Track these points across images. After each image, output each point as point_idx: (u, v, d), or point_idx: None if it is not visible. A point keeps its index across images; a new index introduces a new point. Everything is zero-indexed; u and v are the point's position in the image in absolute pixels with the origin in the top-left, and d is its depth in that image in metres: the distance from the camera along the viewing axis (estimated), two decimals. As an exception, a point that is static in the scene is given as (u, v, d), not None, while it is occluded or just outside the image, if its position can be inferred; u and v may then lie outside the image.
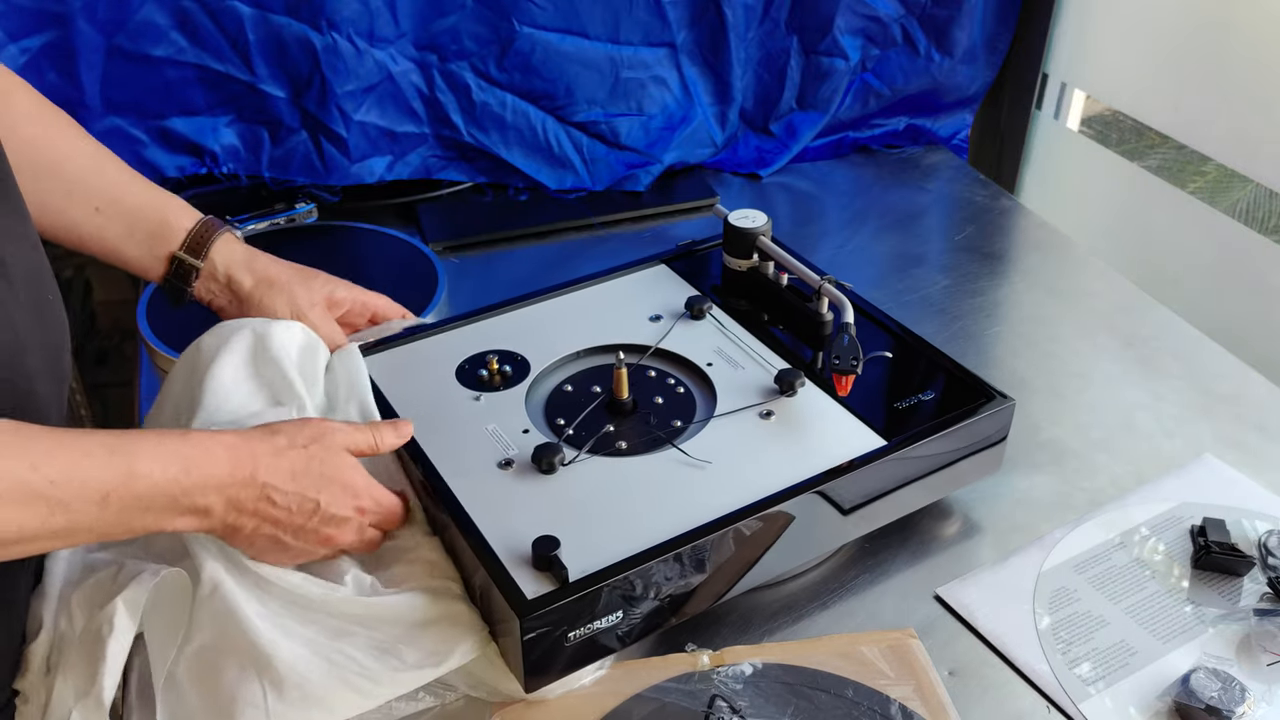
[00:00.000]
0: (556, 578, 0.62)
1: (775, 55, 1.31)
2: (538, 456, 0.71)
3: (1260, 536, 0.76)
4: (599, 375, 0.82)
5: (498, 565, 0.64)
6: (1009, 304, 1.09)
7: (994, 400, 0.78)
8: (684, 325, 0.87)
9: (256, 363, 0.75)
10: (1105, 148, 1.33)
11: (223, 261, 0.80)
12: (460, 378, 0.81)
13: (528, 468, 0.72)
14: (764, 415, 0.77)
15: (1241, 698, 0.65)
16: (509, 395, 0.79)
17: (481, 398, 0.79)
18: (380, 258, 1.12)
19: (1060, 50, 1.34)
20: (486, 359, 0.82)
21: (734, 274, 0.92)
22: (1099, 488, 0.84)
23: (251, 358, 0.75)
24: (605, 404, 0.78)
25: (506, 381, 0.80)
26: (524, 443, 0.74)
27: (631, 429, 0.76)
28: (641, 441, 0.75)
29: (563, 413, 0.78)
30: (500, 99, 1.21)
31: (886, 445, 0.74)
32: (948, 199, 1.30)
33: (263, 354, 0.75)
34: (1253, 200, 1.63)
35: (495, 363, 0.81)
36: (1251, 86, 1.08)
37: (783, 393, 0.78)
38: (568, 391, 0.81)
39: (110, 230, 0.77)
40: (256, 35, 1.10)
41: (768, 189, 1.32)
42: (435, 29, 1.16)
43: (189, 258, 0.79)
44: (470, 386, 0.80)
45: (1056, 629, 0.71)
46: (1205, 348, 1.01)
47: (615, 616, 0.64)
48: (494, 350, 0.83)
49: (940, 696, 0.66)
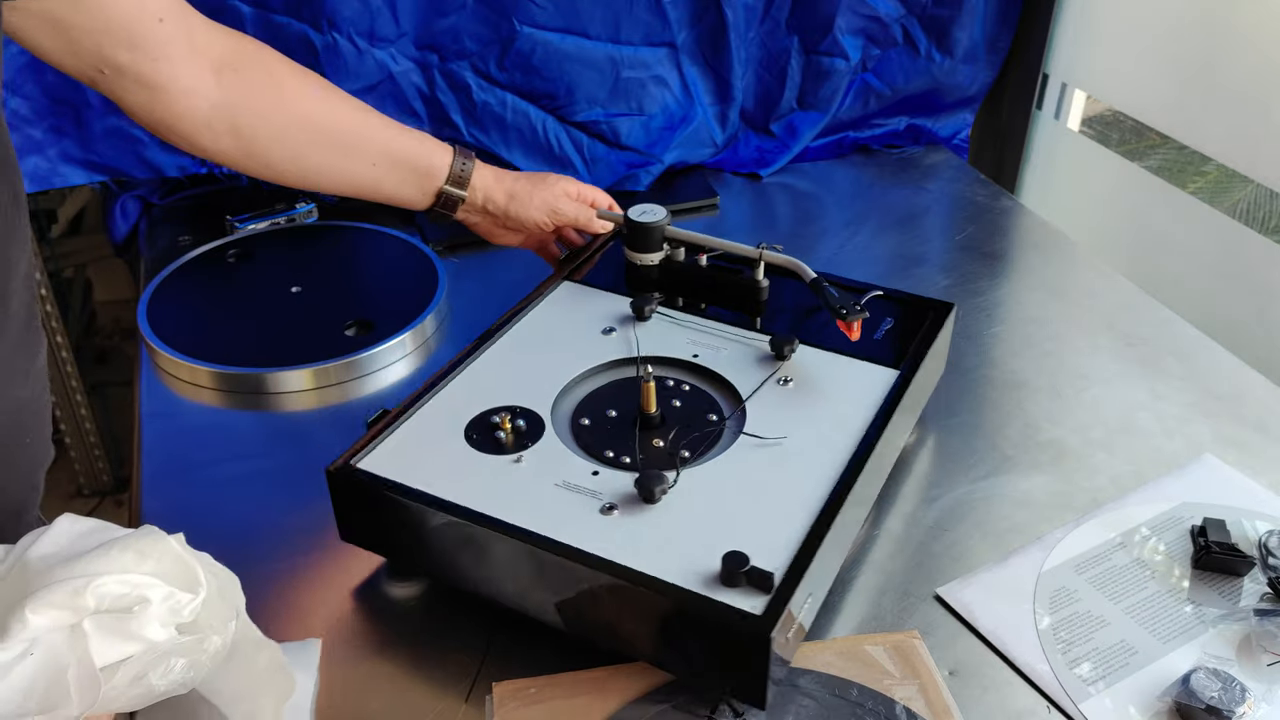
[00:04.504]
0: (762, 586, 0.60)
1: (776, 55, 1.31)
2: (644, 488, 0.67)
3: (1260, 536, 0.76)
4: (607, 400, 0.78)
5: (700, 599, 0.60)
6: (1009, 304, 1.09)
7: (941, 308, 0.86)
8: (639, 329, 0.85)
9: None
10: (1105, 148, 1.33)
11: (481, 189, 0.93)
12: (479, 447, 0.72)
13: (632, 502, 0.67)
14: (783, 383, 0.79)
15: (1242, 698, 0.65)
16: (547, 446, 0.72)
17: (522, 458, 0.71)
18: (380, 258, 1.12)
19: (1061, 50, 1.34)
20: (492, 420, 0.74)
21: (642, 270, 0.91)
22: (1099, 488, 0.84)
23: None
24: (635, 421, 0.75)
25: (530, 433, 0.73)
26: (607, 484, 0.69)
27: (684, 435, 0.74)
28: (707, 443, 0.74)
29: (603, 445, 0.73)
30: (501, 99, 1.21)
31: (901, 374, 0.79)
32: (948, 199, 1.30)
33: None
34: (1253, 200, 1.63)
35: (507, 420, 0.73)
36: (1251, 86, 1.08)
37: (780, 358, 0.81)
38: (587, 425, 0.75)
39: (387, 180, 0.90)
40: (257, 35, 1.10)
41: (768, 189, 1.32)
42: (436, 29, 1.16)
43: (455, 190, 0.92)
44: (498, 451, 0.72)
45: (1057, 629, 0.71)
46: (1205, 348, 1.01)
47: (809, 602, 0.64)
48: (490, 409, 0.75)
49: (944, 698, 0.66)
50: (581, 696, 0.66)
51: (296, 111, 0.85)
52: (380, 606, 0.74)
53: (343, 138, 0.87)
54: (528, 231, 0.97)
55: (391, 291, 1.06)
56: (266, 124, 0.83)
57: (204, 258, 1.10)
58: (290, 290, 1.05)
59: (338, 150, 0.87)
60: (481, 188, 0.93)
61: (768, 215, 1.27)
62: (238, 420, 0.92)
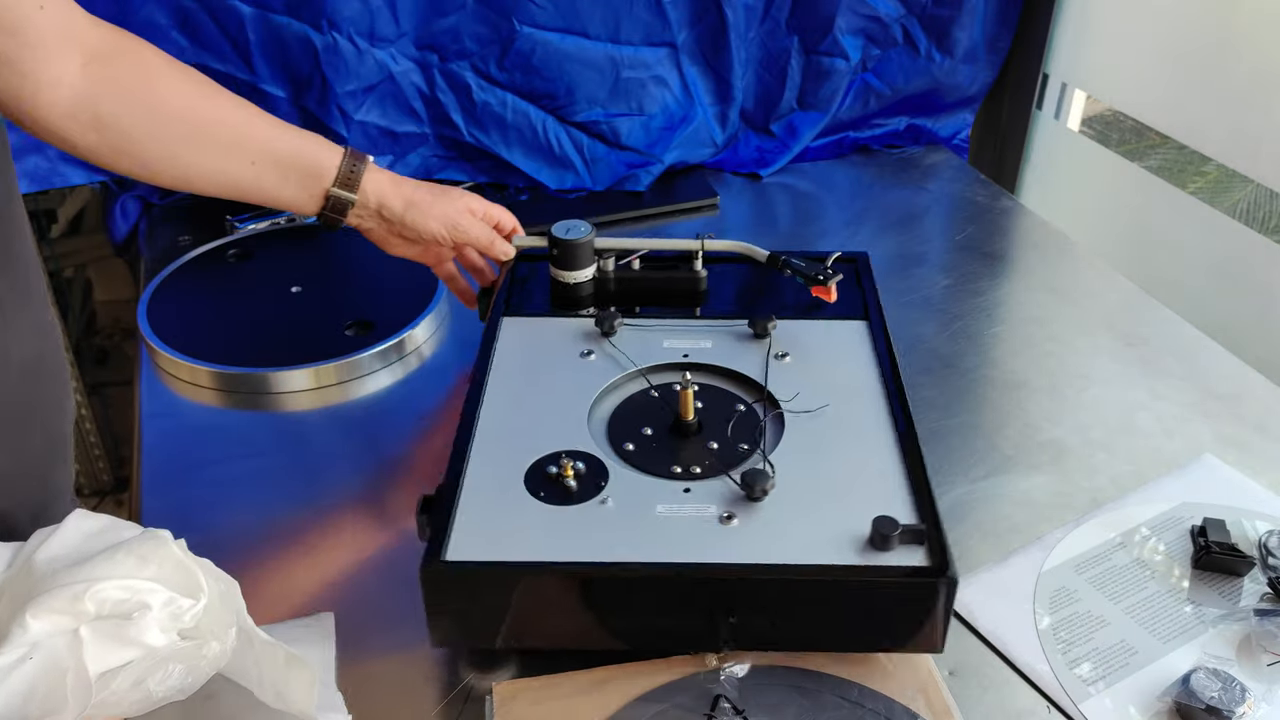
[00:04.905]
0: (917, 540, 0.64)
1: (776, 55, 1.31)
2: (751, 488, 0.67)
3: (1260, 536, 0.76)
4: (633, 419, 0.76)
5: (874, 570, 0.62)
6: (1009, 304, 1.09)
7: (859, 258, 0.93)
8: (613, 345, 0.82)
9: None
10: (1105, 148, 1.33)
11: (374, 192, 0.86)
12: (555, 500, 0.68)
13: (740, 505, 0.67)
14: (780, 357, 0.81)
15: (1242, 698, 0.65)
16: (620, 479, 0.69)
17: (607, 499, 0.68)
18: (381, 258, 1.11)
19: (1061, 50, 1.34)
20: (549, 471, 0.69)
21: (574, 288, 0.88)
22: (1099, 488, 0.84)
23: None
24: (672, 428, 0.74)
25: (594, 472, 0.70)
26: (705, 496, 0.68)
27: (733, 430, 0.75)
28: (758, 431, 0.74)
29: (667, 462, 0.72)
30: (501, 99, 1.21)
31: (870, 321, 0.85)
32: (948, 199, 1.30)
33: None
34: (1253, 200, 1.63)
35: (568, 467, 0.69)
36: (1251, 86, 1.08)
37: (762, 336, 0.82)
38: (634, 449, 0.73)
39: (268, 180, 0.84)
40: (257, 35, 1.11)
41: (768, 189, 1.32)
42: (436, 29, 1.16)
43: (344, 192, 0.85)
44: (577, 498, 0.68)
45: (1057, 629, 0.71)
46: (1205, 348, 1.01)
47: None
48: (537, 463, 0.70)
49: (944, 698, 0.66)
50: (581, 696, 0.66)
51: (169, 106, 0.79)
52: (381, 606, 0.74)
53: (219, 134, 0.82)
54: (424, 244, 0.90)
55: (391, 292, 1.06)
56: (133, 117, 0.78)
57: (204, 258, 1.10)
58: (290, 290, 1.05)
59: (214, 147, 0.82)
60: (375, 191, 0.86)
61: (768, 215, 1.27)
62: (238, 420, 0.92)
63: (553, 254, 0.88)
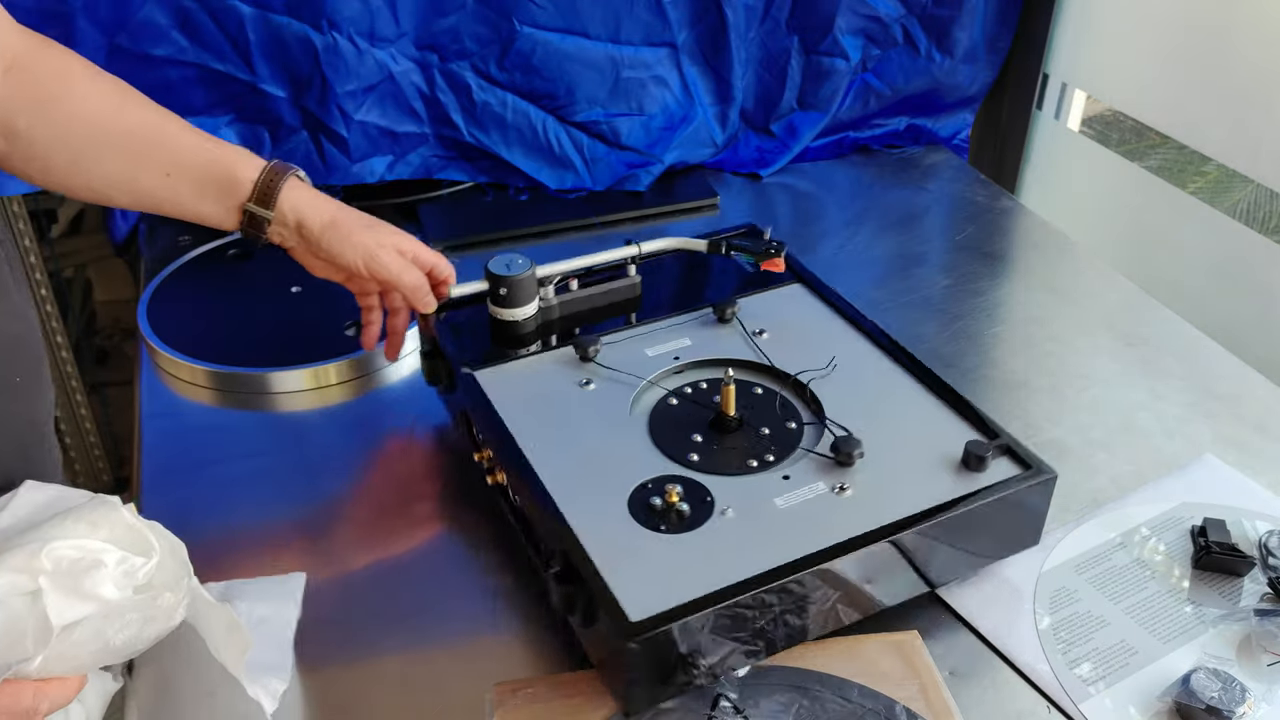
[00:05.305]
0: (1004, 453, 0.72)
1: (776, 55, 1.31)
2: (846, 454, 0.71)
3: (1260, 537, 0.76)
4: (680, 430, 0.76)
5: (1000, 486, 0.70)
6: (1009, 304, 1.09)
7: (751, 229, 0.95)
8: (603, 367, 0.81)
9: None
10: (1105, 148, 1.33)
11: (291, 208, 0.82)
12: (678, 528, 0.67)
13: (840, 472, 0.71)
14: (758, 334, 0.85)
15: (1242, 698, 0.65)
16: (722, 488, 0.70)
17: (725, 510, 0.69)
18: (381, 257, 1.12)
19: (1061, 50, 1.34)
20: (652, 504, 0.69)
21: (520, 324, 0.85)
22: (1099, 488, 0.84)
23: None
24: (714, 426, 0.76)
25: (692, 490, 0.70)
26: (806, 477, 0.71)
27: (781, 411, 0.78)
28: (793, 407, 0.79)
29: (744, 458, 0.73)
30: (501, 99, 1.21)
31: (809, 284, 0.91)
32: (948, 199, 1.30)
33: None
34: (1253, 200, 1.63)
35: (673, 494, 0.68)
36: (1251, 86, 1.08)
37: (725, 321, 0.86)
38: (698, 459, 0.73)
39: (184, 193, 0.80)
40: (257, 35, 1.11)
41: (768, 189, 1.32)
42: (436, 29, 1.16)
43: (259, 209, 0.81)
44: (693, 520, 0.68)
45: (1057, 629, 0.71)
46: (1205, 348, 1.01)
47: None
48: (631, 499, 0.69)
49: (944, 698, 0.66)
50: (581, 696, 0.66)
51: (82, 113, 0.76)
52: (381, 605, 0.74)
53: (132, 144, 0.78)
54: (342, 270, 0.85)
55: (391, 291, 1.05)
56: (46, 124, 0.75)
57: (204, 258, 1.10)
58: (290, 290, 1.05)
59: (126, 157, 0.78)
60: (293, 208, 0.81)
61: (768, 215, 1.27)
62: (238, 420, 0.92)
63: (499, 293, 0.84)
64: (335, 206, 0.84)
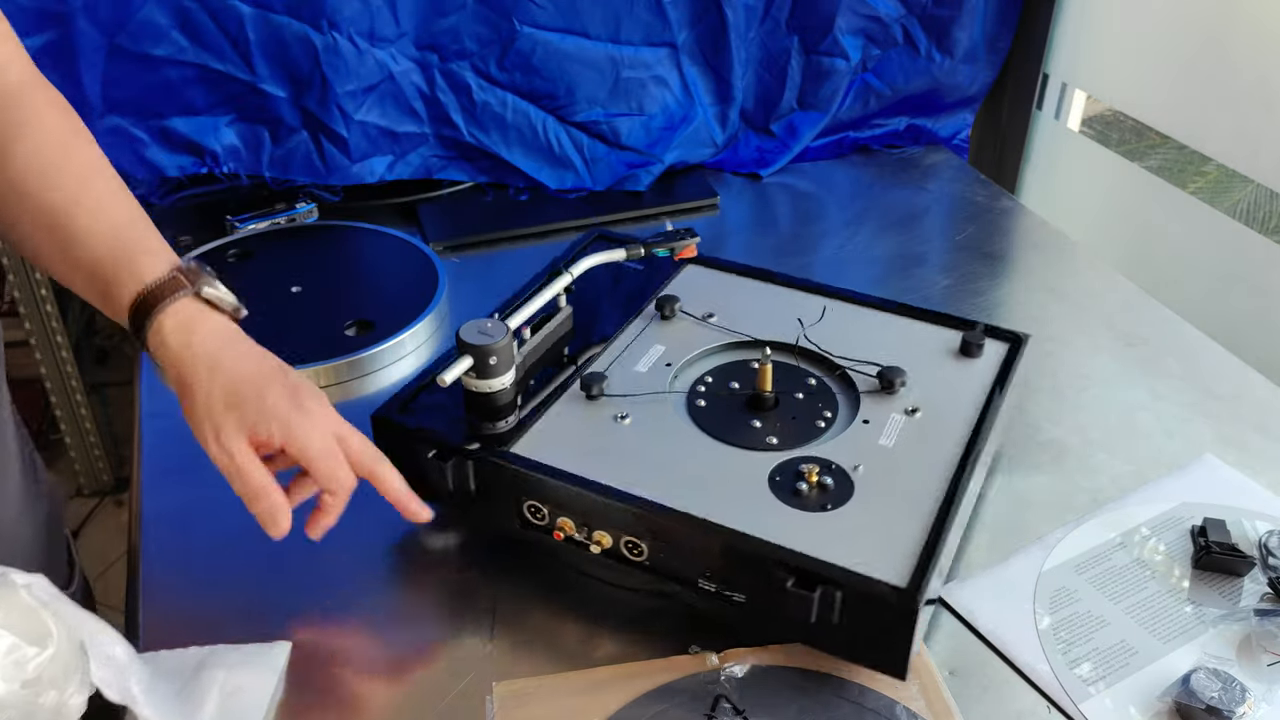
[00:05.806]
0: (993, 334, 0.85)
1: (776, 55, 1.31)
2: (887, 382, 0.78)
3: (1261, 536, 0.76)
4: (734, 422, 0.77)
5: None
6: (1009, 304, 1.09)
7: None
8: (620, 398, 0.79)
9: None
10: (1105, 148, 1.33)
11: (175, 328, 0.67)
12: (834, 506, 0.69)
13: (892, 400, 0.78)
14: (708, 317, 0.88)
15: (1242, 698, 0.65)
16: (838, 447, 0.74)
17: (858, 466, 0.72)
18: (380, 258, 1.12)
19: (1061, 50, 1.34)
20: (799, 488, 0.70)
21: (498, 395, 0.74)
22: (1099, 488, 0.84)
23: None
24: (755, 405, 0.79)
25: (819, 464, 0.72)
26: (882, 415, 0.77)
27: (801, 371, 0.82)
28: (803, 371, 0.83)
29: (808, 432, 0.76)
30: (501, 99, 1.21)
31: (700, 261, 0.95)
32: (948, 199, 1.30)
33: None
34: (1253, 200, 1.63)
35: (812, 474, 0.70)
36: (1251, 86, 1.08)
37: (668, 317, 0.88)
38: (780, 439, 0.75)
39: (77, 281, 0.69)
40: (257, 35, 1.11)
41: (768, 189, 1.33)
42: (436, 29, 1.16)
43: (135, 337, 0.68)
44: (847, 495, 0.70)
45: (1057, 629, 0.72)
46: (1205, 348, 1.01)
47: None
48: (775, 487, 0.71)
49: (944, 698, 0.66)
50: (581, 696, 0.66)
51: (9, 174, 0.68)
52: (381, 605, 0.74)
53: (42, 219, 0.68)
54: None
55: (391, 291, 1.06)
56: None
57: (204, 258, 1.10)
58: (290, 290, 1.05)
59: (41, 229, 0.68)
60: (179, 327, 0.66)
61: (768, 215, 1.27)
62: (238, 420, 0.92)
63: (489, 364, 0.73)
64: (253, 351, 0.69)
